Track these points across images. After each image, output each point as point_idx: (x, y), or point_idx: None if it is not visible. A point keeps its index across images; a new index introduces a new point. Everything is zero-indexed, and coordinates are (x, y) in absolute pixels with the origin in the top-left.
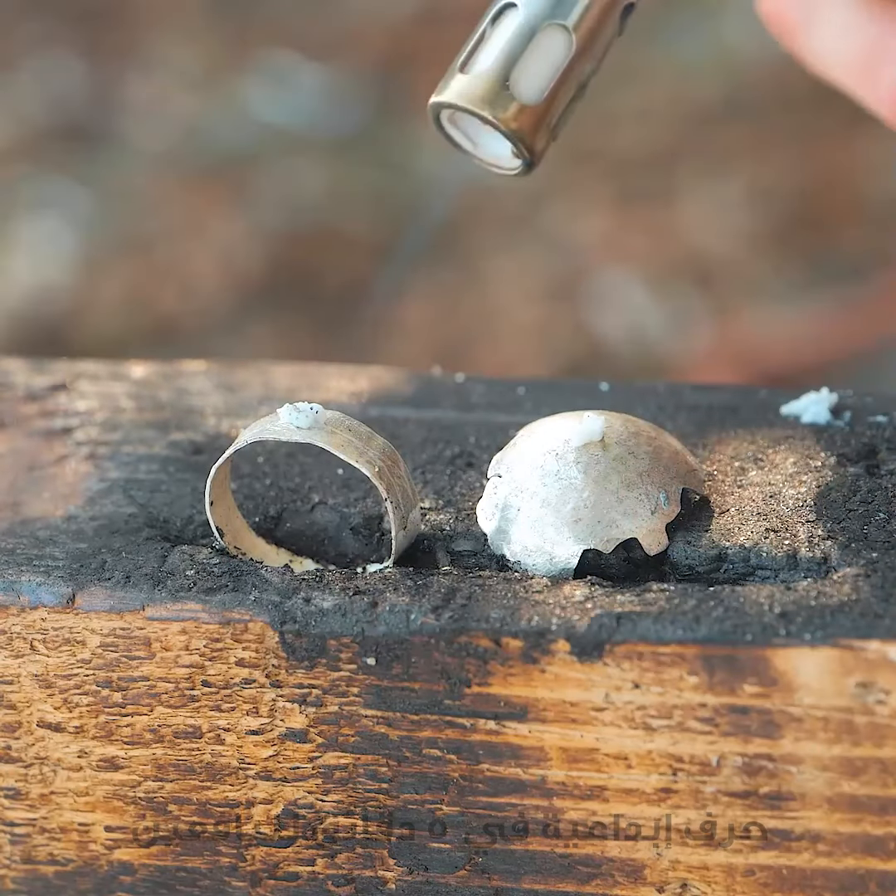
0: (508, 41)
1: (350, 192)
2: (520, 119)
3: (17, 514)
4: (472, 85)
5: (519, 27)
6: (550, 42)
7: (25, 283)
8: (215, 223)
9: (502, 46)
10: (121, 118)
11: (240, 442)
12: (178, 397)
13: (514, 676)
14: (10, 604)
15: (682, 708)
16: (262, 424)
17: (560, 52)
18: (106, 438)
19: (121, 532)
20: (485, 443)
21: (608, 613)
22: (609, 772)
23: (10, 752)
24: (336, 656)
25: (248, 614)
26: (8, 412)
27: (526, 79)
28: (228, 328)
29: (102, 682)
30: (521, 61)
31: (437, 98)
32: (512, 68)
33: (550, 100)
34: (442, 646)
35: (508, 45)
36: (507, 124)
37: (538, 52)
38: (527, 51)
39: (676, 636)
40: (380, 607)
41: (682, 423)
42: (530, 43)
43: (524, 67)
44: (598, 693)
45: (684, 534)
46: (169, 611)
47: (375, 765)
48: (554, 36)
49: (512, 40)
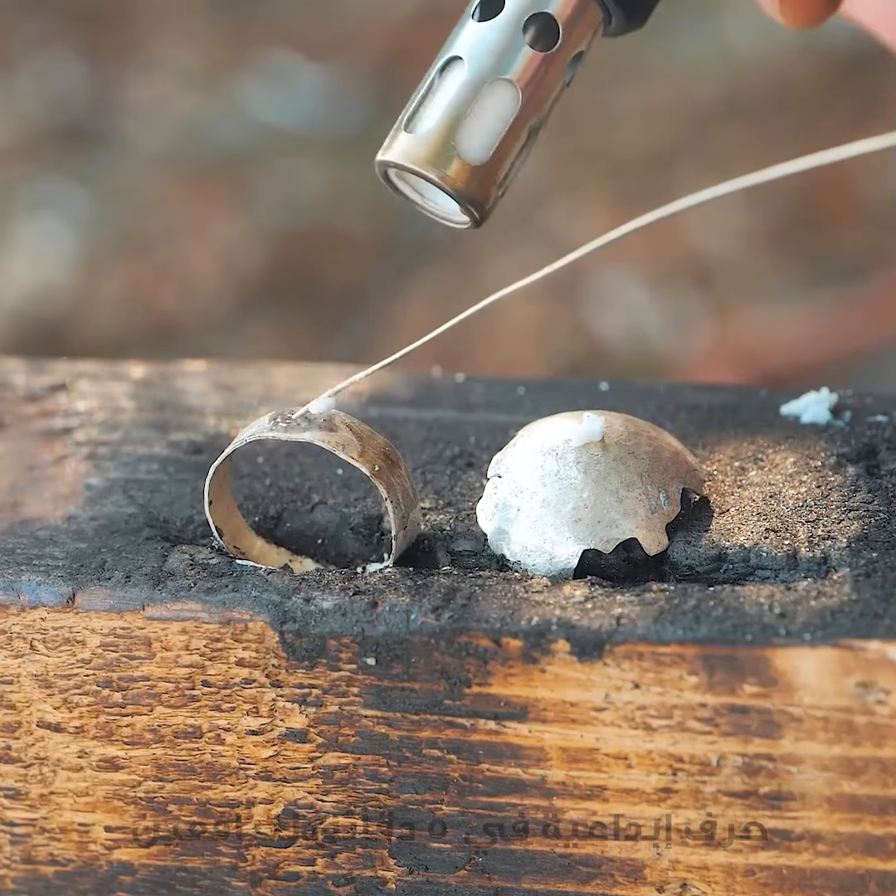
0: (453, 98)
1: (350, 192)
2: (466, 179)
3: (17, 513)
4: (417, 144)
5: (464, 83)
6: (497, 97)
7: (25, 283)
8: (215, 223)
9: (447, 104)
10: (121, 118)
11: (238, 441)
12: (177, 397)
13: (514, 676)
14: (10, 603)
15: (682, 708)
16: (260, 423)
17: (507, 106)
18: (106, 438)
19: (121, 532)
20: (485, 443)
21: (608, 613)
22: (609, 772)
23: (10, 752)
24: (336, 656)
25: (248, 614)
26: (8, 412)
27: (472, 137)
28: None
29: (102, 682)
30: (466, 119)
31: (382, 157)
32: (458, 127)
33: (498, 156)
34: (442, 646)
35: (453, 103)
36: (454, 185)
37: (484, 108)
38: (472, 108)
39: (676, 636)
40: (380, 607)
41: (682, 423)
42: (476, 99)
43: (470, 125)
44: (598, 693)
45: (684, 534)
46: (169, 610)
47: (375, 765)
48: (500, 91)
49: (457, 97)
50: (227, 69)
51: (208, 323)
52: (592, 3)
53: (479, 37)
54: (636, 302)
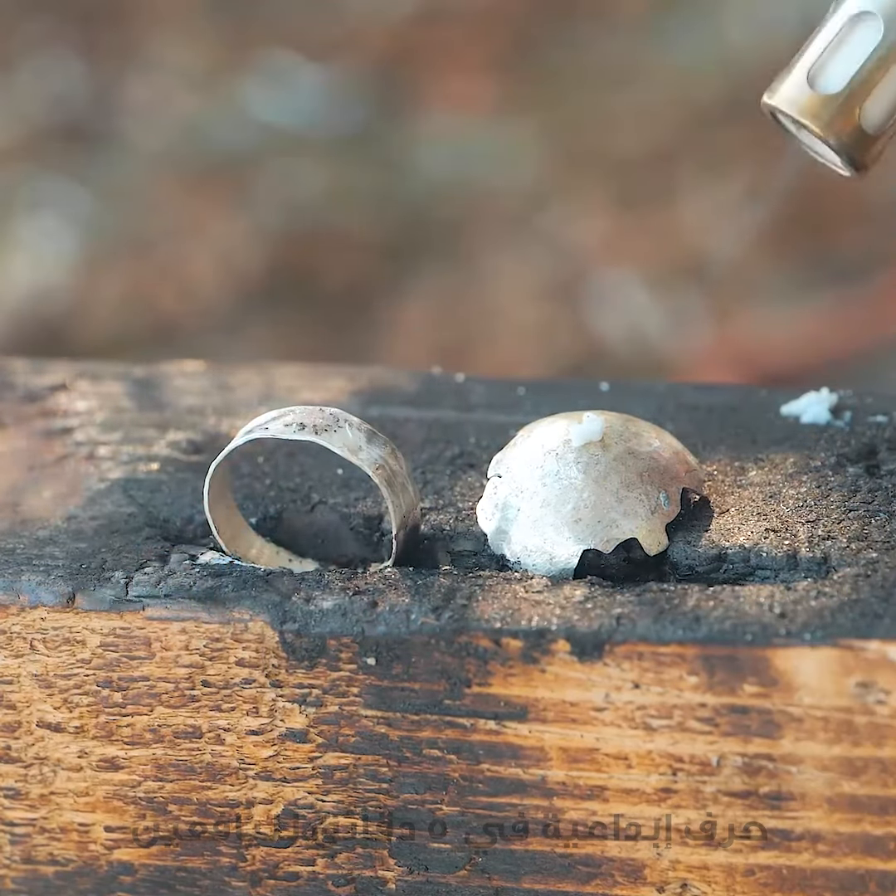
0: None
1: (350, 191)
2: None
3: (17, 513)
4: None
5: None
6: None
7: (25, 282)
8: (215, 223)
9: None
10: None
11: (238, 440)
12: (177, 397)
13: (514, 676)
14: (10, 603)
15: (682, 708)
16: (260, 422)
17: None
18: (106, 438)
19: (121, 532)
20: (485, 443)
21: (608, 613)
22: (609, 772)
23: (10, 752)
24: (336, 656)
25: (248, 614)
26: (8, 412)
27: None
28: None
29: (102, 682)
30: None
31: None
32: (867, 95)
33: None
34: (442, 646)
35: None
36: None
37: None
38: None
39: (676, 636)
40: (380, 607)
41: (682, 423)
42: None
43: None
44: (599, 693)
45: (684, 534)
46: (169, 610)
47: (376, 765)
48: None
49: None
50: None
51: (208, 323)
52: None
53: None
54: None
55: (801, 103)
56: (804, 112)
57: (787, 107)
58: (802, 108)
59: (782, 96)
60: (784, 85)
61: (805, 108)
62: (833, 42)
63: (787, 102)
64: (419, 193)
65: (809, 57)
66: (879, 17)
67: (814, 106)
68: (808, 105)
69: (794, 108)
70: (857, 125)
